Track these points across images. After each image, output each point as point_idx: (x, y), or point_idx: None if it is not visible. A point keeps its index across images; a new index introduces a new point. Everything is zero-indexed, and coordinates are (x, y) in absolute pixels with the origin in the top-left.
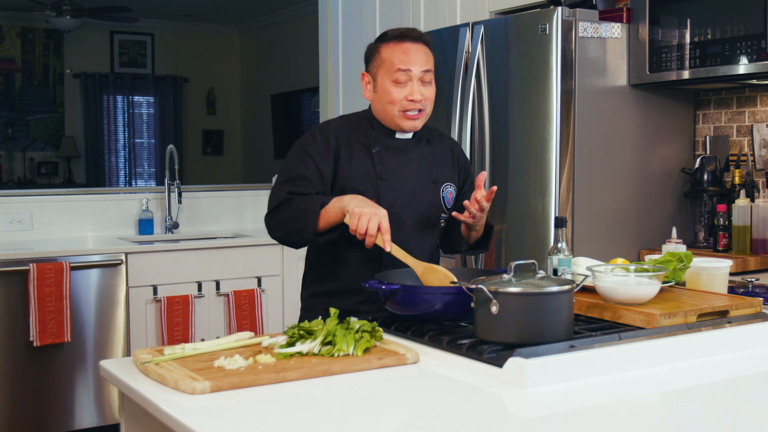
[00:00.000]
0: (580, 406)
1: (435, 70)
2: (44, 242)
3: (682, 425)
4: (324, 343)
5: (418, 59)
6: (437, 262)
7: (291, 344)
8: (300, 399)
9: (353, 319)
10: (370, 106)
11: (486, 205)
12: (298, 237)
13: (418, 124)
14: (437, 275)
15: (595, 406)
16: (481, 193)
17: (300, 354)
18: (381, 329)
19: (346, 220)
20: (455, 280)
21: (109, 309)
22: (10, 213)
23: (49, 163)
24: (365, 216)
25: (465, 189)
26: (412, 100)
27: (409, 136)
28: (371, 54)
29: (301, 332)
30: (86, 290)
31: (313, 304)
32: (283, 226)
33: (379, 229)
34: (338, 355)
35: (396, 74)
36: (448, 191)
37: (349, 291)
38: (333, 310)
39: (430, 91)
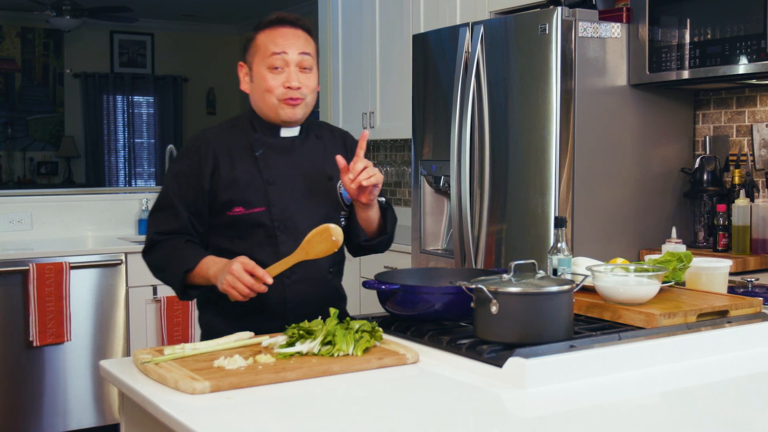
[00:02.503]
0: (579, 406)
1: (432, 70)
2: (44, 242)
3: (682, 425)
4: (324, 343)
5: (294, 43)
6: (338, 261)
7: (291, 344)
8: (300, 399)
9: (353, 319)
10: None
11: (364, 167)
12: (173, 288)
13: (298, 112)
14: (324, 236)
15: (595, 406)
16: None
17: (300, 354)
18: (381, 329)
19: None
20: (341, 238)
21: (108, 309)
22: (10, 213)
23: (49, 163)
24: (231, 286)
25: None
26: (289, 87)
27: (296, 132)
28: (247, 43)
29: (301, 332)
30: (86, 290)
31: (216, 324)
32: (156, 274)
33: (253, 274)
34: (338, 355)
35: (271, 59)
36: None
37: (254, 311)
38: (333, 310)
39: (309, 79)
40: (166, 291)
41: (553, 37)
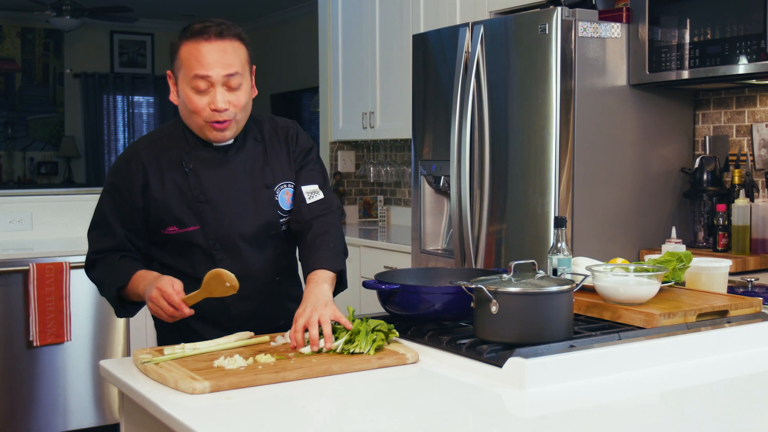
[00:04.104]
0: (579, 406)
1: (432, 70)
2: (44, 242)
3: (681, 425)
4: (346, 342)
5: (217, 61)
6: (286, 267)
7: None
8: (300, 399)
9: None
10: None
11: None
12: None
13: (228, 134)
14: (218, 281)
15: (595, 406)
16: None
17: (320, 351)
18: (396, 332)
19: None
20: (236, 283)
21: (109, 309)
22: (10, 213)
23: (49, 163)
24: (154, 312)
25: (300, 174)
26: (215, 110)
27: (230, 141)
28: (172, 51)
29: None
30: (86, 290)
31: (166, 331)
32: (100, 292)
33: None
34: (354, 352)
35: (194, 81)
36: (284, 191)
37: (202, 323)
38: (350, 309)
39: (238, 97)
40: None
41: (553, 37)
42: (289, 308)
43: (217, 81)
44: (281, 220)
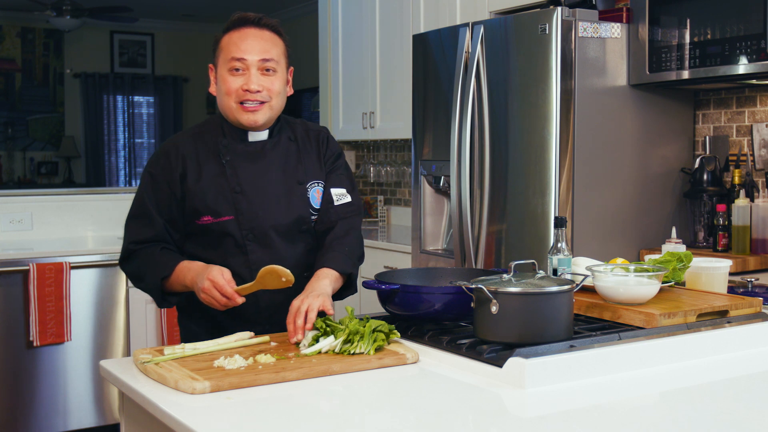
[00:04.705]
0: (579, 406)
1: (432, 70)
2: (44, 242)
3: (681, 425)
4: (344, 342)
5: (255, 47)
6: (314, 264)
7: (317, 339)
8: (300, 399)
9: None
10: None
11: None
12: (152, 297)
13: (259, 117)
14: (273, 276)
15: (595, 406)
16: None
17: (319, 352)
18: (397, 333)
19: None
20: (291, 277)
21: (109, 309)
22: (10, 213)
23: (49, 163)
24: (207, 303)
25: (330, 178)
26: (248, 90)
27: (265, 136)
28: (214, 45)
29: (327, 329)
30: (86, 290)
31: (193, 327)
32: (136, 283)
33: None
34: (353, 353)
35: (231, 62)
36: (315, 189)
37: (230, 317)
38: (349, 308)
39: (272, 82)
40: None
41: (553, 37)
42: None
43: (252, 64)
44: (312, 217)
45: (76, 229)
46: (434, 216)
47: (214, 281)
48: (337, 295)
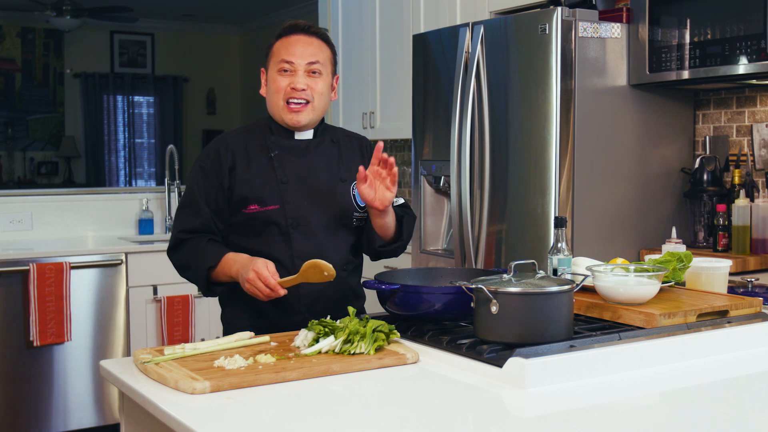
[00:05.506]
0: (579, 406)
1: (432, 70)
2: (44, 242)
3: (681, 425)
4: (344, 342)
5: (303, 51)
6: (353, 260)
7: (316, 340)
8: (300, 399)
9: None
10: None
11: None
12: (198, 286)
13: (303, 117)
14: (316, 270)
15: (595, 406)
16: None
17: (320, 352)
18: (397, 333)
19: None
20: (333, 272)
21: (109, 309)
22: (10, 213)
23: (49, 163)
24: (251, 293)
25: None
26: (294, 89)
27: (309, 136)
28: (267, 49)
29: (326, 330)
30: (86, 290)
31: (235, 320)
32: (182, 272)
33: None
34: (353, 353)
35: (281, 64)
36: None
37: (271, 306)
38: (351, 309)
39: (317, 83)
40: (166, 291)
41: (553, 37)
42: (351, 302)
43: (300, 67)
44: (355, 214)
45: (76, 229)
46: (434, 216)
47: (259, 273)
48: (385, 253)
